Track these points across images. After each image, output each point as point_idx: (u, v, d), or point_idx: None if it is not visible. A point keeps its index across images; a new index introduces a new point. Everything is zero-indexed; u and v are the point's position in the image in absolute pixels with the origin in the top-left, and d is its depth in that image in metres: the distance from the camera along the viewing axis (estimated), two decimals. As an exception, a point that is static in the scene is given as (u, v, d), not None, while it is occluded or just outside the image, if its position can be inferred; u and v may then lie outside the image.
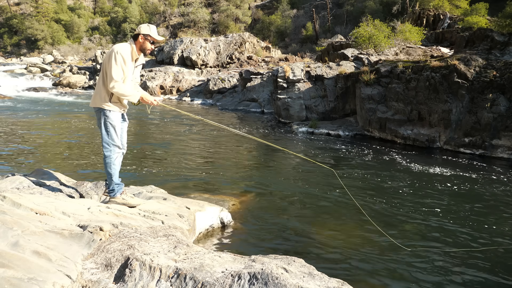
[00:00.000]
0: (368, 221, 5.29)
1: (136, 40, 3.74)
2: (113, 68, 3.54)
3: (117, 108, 3.76)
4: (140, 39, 3.72)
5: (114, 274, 2.58)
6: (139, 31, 3.72)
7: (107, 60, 3.60)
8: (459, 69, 10.03)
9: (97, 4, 55.35)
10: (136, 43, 3.73)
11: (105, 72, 3.65)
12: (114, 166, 3.82)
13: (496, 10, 17.81)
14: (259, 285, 2.43)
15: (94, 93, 3.78)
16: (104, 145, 3.79)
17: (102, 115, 3.73)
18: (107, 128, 3.75)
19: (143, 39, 3.72)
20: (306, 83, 13.81)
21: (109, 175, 3.84)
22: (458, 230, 5.09)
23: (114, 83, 3.55)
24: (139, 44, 3.73)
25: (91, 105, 3.81)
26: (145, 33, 3.72)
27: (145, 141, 10.38)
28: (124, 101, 3.80)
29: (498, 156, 9.17)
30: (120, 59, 3.55)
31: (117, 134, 3.80)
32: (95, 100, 3.74)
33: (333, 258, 4.18)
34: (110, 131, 3.76)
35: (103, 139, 3.79)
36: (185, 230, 3.72)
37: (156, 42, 3.83)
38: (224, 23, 39.91)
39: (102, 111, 3.72)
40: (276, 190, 6.48)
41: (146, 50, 3.78)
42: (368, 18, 17.96)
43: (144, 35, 3.72)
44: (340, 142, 11.04)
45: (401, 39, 15.95)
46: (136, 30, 3.76)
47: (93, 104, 3.76)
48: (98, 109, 3.74)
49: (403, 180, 7.34)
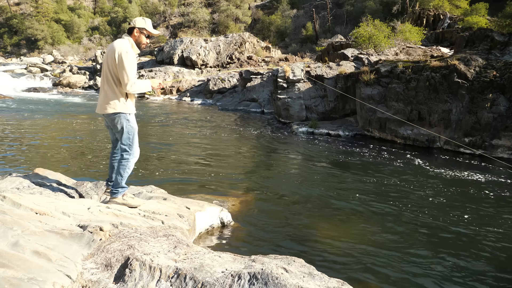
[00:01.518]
0: (368, 221, 5.30)
1: (131, 34, 3.62)
2: (127, 69, 3.41)
3: (134, 109, 3.68)
4: (135, 33, 3.61)
5: (114, 274, 2.58)
6: (134, 25, 3.60)
7: (113, 61, 3.44)
8: (459, 69, 10.02)
9: (97, 4, 55.34)
10: (131, 37, 3.61)
11: (113, 74, 3.48)
12: (128, 170, 3.75)
13: (496, 10, 17.82)
14: (259, 285, 2.43)
15: (104, 98, 3.56)
16: (124, 149, 3.69)
17: (123, 119, 3.58)
18: (129, 132, 3.64)
19: (138, 33, 3.61)
20: (306, 83, 13.81)
21: (120, 177, 3.74)
22: (458, 230, 5.09)
23: (132, 84, 3.45)
24: (135, 38, 3.62)
25: (102, 112, 3.59)
26: (140, 27, 3.60)
27: (145, 141, 10.38)
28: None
29: (498, 156, 9.17)
30: (130, 58, 3.44)
31: (137, 137, 3.73)
32: (110, 105, 3.54)
33: (333, 258, 4.18)
34: (133, 134, 3.67)
35: (123, 142, 3.67)
36: (185, 230, 3.72)
37: (151, 36, 3.72)
38: (224, 23, 39.90)
39: (123, 115, 3.57)
40: (276, 190, 6.48)
41: (141, 44, 3.67)
42: (368, 18, 17.95)
43: (139, 29, 3.60)
44: (340, 142, 11.04)
45: (401, 39, 15.95)
46: (131, 23, 3.62)
47: (107, 110, 3.55)
48: (116, 114, 3.57)
49: (403, 180, 7.34)
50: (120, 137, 3.70)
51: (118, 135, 3.72)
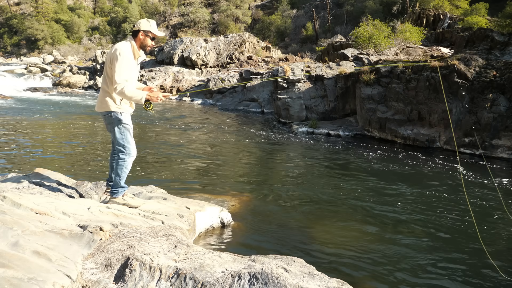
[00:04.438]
0: (368, 221, 5.30)
1: (136, 37, 3.56)
2: (116, 68, 3.34)
3: (129, 109, 3.65)
4: (140, 35, 3.54)
5: (114, 274, 2.58)
6: (139, 27, 3.53)
7: (109, 61, 3.44)
8: (459, 69, 10.02)
9: (97, 4, 55.32)
10: (136, 40, 3.55)
11: (109, 74, 3.47)
12: (126, 170, 3.75)
13: (496, 10, 17.81)
14: (259, 285, 2.43)
15: (101, 97, 3.58)
16: (119, 149, 3.68)
17: (115, 119, 3.58)
18: (122, 131, 3.62)
19: (143, 36, 3.54)
20: (306, 83, 13.81)
21: (119, 177, 3.74)
22: (458, 230, 5.10)
23: (117, 85, 3.34)
24: (140, 41, 3.56)
25: (99, 110, 3.62)
26: (145, 30, 3.53)
27: (145, 141, 10.38)
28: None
29: (498, 156, 9.17)
30: (123, 58, 3.36)
31: (132, 136, 3.70)
32: (104, 104, 3.55)
33: (333, 258, 4.18)
34: (126, 134, 3.64)
35: (117, 143, 3.65)
36: (185, 230, 3.72)
37: (156, 38, 3.65)
38: (224, 23, 39.89)
39: (115, 114, 3.56)
40: (276, 190, 6.48)
41: (147, 47, 3.60)
42: (368, 18, 17.95)
43: (144, 32, 3.53)
44: (340, 142, 11.04)
45: (401, 39, 15.94)
46: (136, 26, 3.56)
47: (102, 108, 3.57)
48: (109, 113, 3.57)
49: (403, 180, 7.34)
50: (113, 137, 3.71)
51: (112, 135, 3.73)
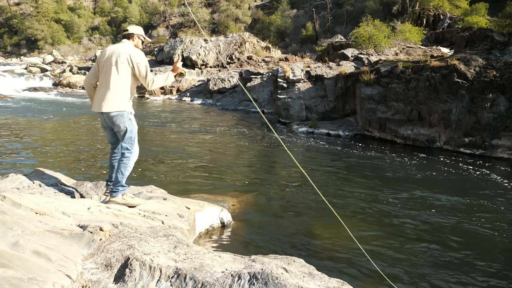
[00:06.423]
0: (368, 221, 5.30)
1: (130, 39, 3.85)
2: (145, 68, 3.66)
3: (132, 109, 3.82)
4: (135, 38, 3.86)
5: (114, 274, 2.57)
6: (134, 32, 3.86)
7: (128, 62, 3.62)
8: (459, 69, 10.02)
9: (97, 4, 55.34)
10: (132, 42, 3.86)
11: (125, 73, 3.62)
12: (129, 168, 3.83)
13: (496, 10, 17.82)
14: (259, 285, 2.43)
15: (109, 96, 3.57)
16: (126, 147, 3.75)
17: (125, 118, 3.65)
18: (132, 131, 3.73)
19: (137, 39, 3.88)
20: (306, 83, 13.81)
21: (121, 175, 3.79)
22: (458, 230, 5.10)
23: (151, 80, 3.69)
24: (134, 43, 3.87)
25: (107, 110, 3.58)
26: (138, 33, 3.88)
27: (145, 141, 10.38)
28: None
29: (498, 156, 9.17)
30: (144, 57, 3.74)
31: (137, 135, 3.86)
32: (114, 103, 3.57)
33: (333, 258, 4.18)
34: (134, 134, 3.77)
35: (126, 142, 3.73)
36: (185, 230, 3.72)
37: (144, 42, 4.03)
38: (224, 23, 39.89)
39: (126, 114, 3.65)
40: (276, 190, 6.48)
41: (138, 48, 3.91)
42: (368, 18, 17.95)
43: (137, 35, 3.88)
44: (340, 142, 11.04)
45: (401, 39, 15.95)
46: (129, 30, 3.88)
47: (111, 108, 3.57)
48: (120, 113, 3.61)
49: (403, 180, 7.34)
50: (122, 137, 3.74)
51: (120, 135, 3.75)
